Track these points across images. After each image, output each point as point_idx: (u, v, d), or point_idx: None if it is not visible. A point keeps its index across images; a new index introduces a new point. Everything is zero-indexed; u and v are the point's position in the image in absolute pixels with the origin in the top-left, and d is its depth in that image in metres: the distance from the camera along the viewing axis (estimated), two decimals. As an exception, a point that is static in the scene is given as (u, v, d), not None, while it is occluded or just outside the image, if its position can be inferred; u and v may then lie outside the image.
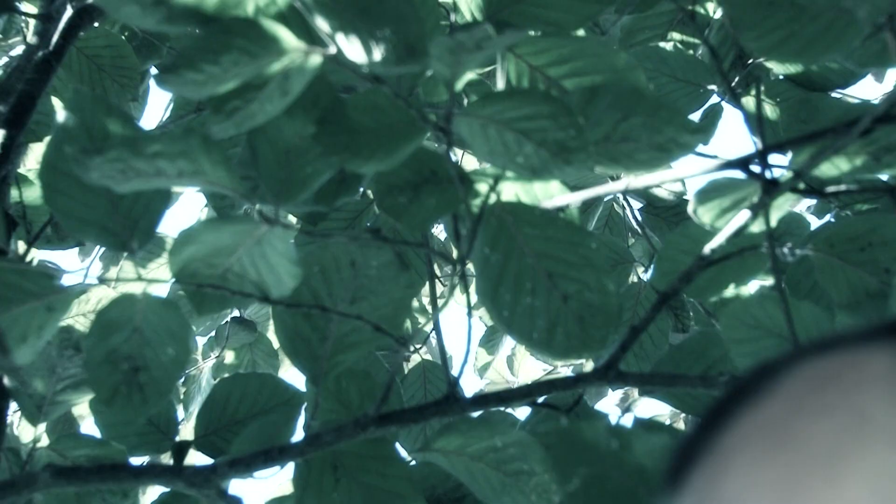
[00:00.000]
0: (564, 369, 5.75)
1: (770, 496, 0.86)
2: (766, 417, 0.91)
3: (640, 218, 4.53)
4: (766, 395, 0.92)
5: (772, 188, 2.94)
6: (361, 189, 3.09)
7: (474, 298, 2.82)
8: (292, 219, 2.79)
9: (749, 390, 0.94)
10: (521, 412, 3.34)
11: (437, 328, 3.01)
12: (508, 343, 6.03)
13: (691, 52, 3.85)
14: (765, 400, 0.92)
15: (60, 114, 2.77)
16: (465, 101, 2.56)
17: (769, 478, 0.87)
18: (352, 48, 2.51)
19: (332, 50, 2.53)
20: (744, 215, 2.96)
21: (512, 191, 2.88)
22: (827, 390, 0.89)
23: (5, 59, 4.30)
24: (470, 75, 2.70)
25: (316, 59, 2.54)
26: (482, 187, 2.79)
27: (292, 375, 3.20)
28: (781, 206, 3.27)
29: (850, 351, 0.92)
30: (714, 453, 0.91)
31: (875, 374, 0.89)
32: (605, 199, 4.32)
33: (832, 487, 0.83)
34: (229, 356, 5.08)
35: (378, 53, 2.52)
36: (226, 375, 3.96)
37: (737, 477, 0.88)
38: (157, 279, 2.87)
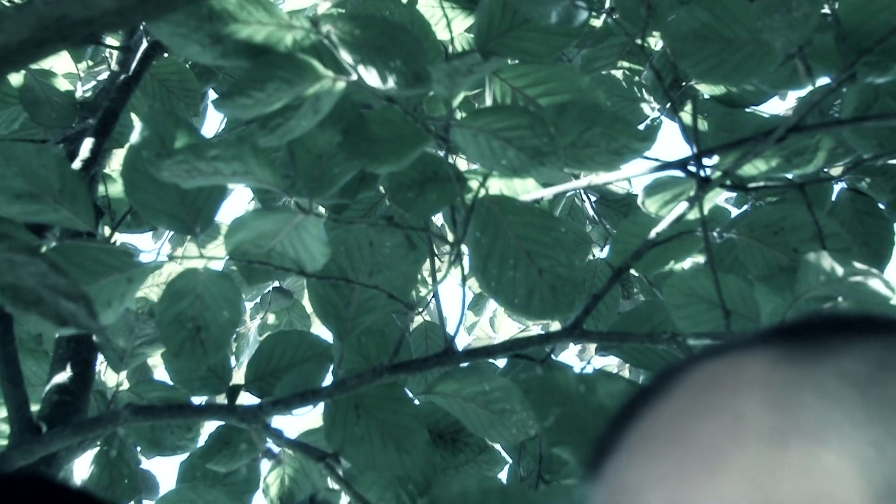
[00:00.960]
0: (536, 328, 5.73)
1: (663, 488, 0.85)
2: (662, 418, 0.90)
3: (595, 208, 4.56)
4: (664, 397, 0.92)
5: (704, 184, 2.97)
6: (377, 185, 3.11)
7: (467, 272, 2.83)
8: (322, 209, 2.80)
9: (651, 393, 0.93)
10: (503, 363, 3.34)
11: (436, 296, 3.03)
12: (491, 306, 6.04)
13: (636, 77, 3.88)
14: (662, 402, 0.91)
15: (138, 125, 2.79)
16: (459, 116, 2.57)
17: (662, 472, 0.86)
18: (370, 75, 2.54)
19: (354, 77, 2.56)
20: (682, 206, 2.99)
21: (497, 186, 2.91)
22: (711, 394, 0.89)
23: (93, 83, 4.30)
24: (462, 95, 2.72)
25: (341, 85, 2.56)
26: (474, 184, 2.82)
27: (322, 333, 3.20)
28: (711, 199, 3.29)
29: (733, 358, 0.91)
30: (620, 449, 0.91)
31: (751, 379, 0.87)
32: (568, 194, 4.33)
33: (714, 480, 0.83)
34: (271, 318, 5.09)
35: (391, 79, 2.55)
36: (269, 333, 3.98)
37: (636, 470, 0.88)
38: (214, 257, 2.86)
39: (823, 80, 3.11)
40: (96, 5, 1.88)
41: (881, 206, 3.51)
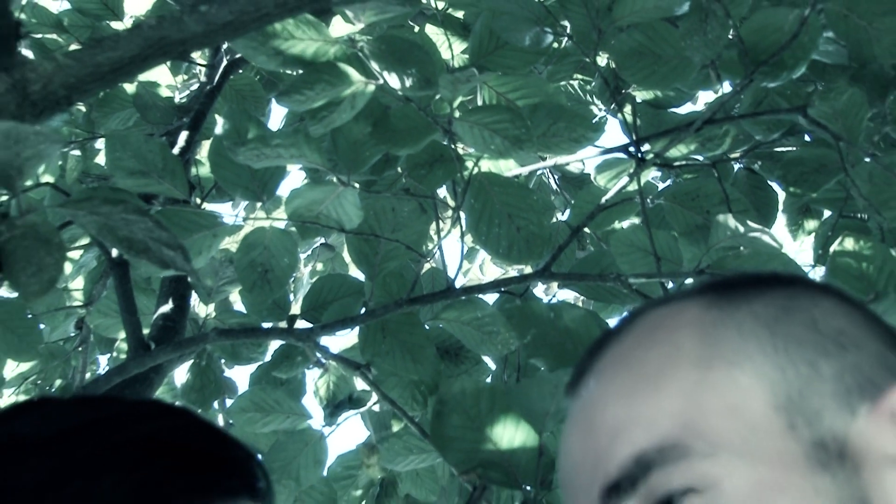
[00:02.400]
0: (514, 271, 5.73)
1: (621, 400, 0.85)
2: (622, 349, 0.90)
3: (558, 183, 4.53)
4: (624, 334, 0.92)
5: (640, 164, 2.94)
6: (398, 165, 3.09)
7: (464, 230, 2.82)
8: (357, 184, 2.78)
9: (615, 331, 0.93)
10: (491, 298, 3.32)
11: (440, 248, 3.02)
12: (481, 256, 6.01)
13: (588, 86, 3.85)
14: (622, 337, 0.92)
15: (220, 122, 2.77)
16: (458, 113, 2.55)
17: (620, 388, 0.87)
18: (392, 80, 2.52)
19: (381, 81, 2.54)
20: (623, 180, 2.97)
21: (487, 166, 2.90)
22: (658, 331, 0.90)
23: (187, 91, 4.27)
24: (461, 97, 2.70)
25: (371, 87, 2.54)
26: (470, 164, 2.80)
27: (357, 276, 3.19)
28: (645, 175, 3.27)
29: (675, 305, 0.92)
30: (591, 373, 0.91)
31: (687, 320, 0.89)
32: (538, 172, 4.32)
33: (658, 394, 0.84)
34: (319, 266, 5.08)
35: (408, 83, 2.52)
36: (317, 277, 3.96)
37: (602, 388, 0.88)
38: (278, 218, 2.85)
39: (729, 85, 3.11)
40: (188, 29, 1.85)
41: (769, 182, 3.50)
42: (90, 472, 0.81)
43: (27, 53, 1.87)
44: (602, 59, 3.55)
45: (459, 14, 3.38)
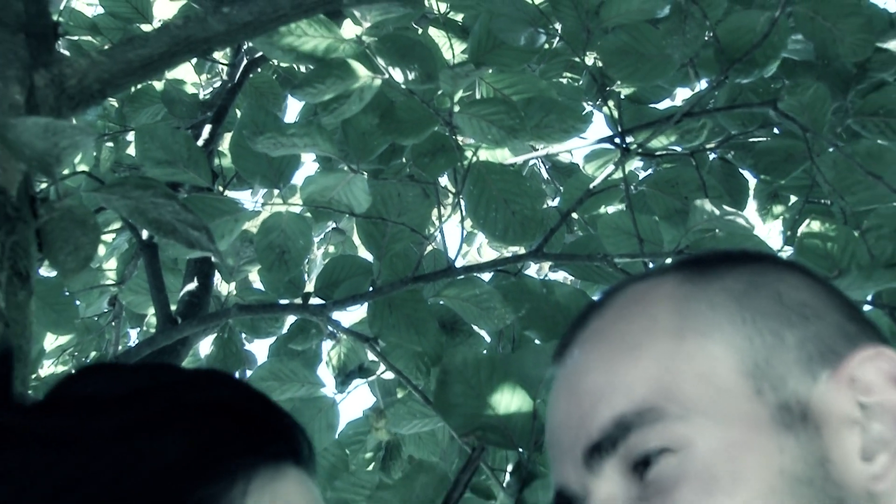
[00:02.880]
0: (509, 253, 5.72)
1: (600, 367, 0.86)
2: (603, 321, 0.90)
3: (549, 172, 4.51)
4: (605, 307, 0.92)
5: (625, 153, 2.92)
6: (403, 154, 3.08)
7: (463, 214, 2.80)
8: (365, 174, 2.77)
9: (597, 304, 0.93)
10: (488, 277, 3.30)
11: (441, 231, 3.00)
12: (479, 239, 5.99)
13: (576, 83, 3.83)
14: (604, 310, 0.91)
15: (241, 116, 2.76)
16: (457, 108, 2.54)
17: (601, 357, 0.87)
18: (397, 75, 2.51)
19: (387, 76, 2.52)
20: (609, 168, 2.95)
21: (485, 155, 2.88)
22: (636, 305, 0.89)
23: (210, 88, 4.25)
24: (461, 92, 2.68)
25: (378, 82, 2.52)
26: (469, 153, 2.78)
27: (366, 257, 3.18)
28: (629, 164, 3.25)
29: (652, 281, 0.92)
30: (575, 343, 0.91)
31: (663, 294, 0.89)
32: (531, 162, 4.30)
33: (635, 362, 0.84)
34: (331, 248, 5.05)
35: (411, 78, 2.51)
36: (330, 258, 3.95)
37: (585, 356, 0.89)
38: (293, 203, 2.84)
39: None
40: (211, 28, 1.83)
41: (741, 170, 3.49)
42: (156, 428, 0.84)
43: (64, 52, 1.85)
44: (590, 59, 3.53)
45: (459, 18, 3.39)
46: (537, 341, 2.78)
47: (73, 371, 0.91)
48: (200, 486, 0.82)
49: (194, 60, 4.18)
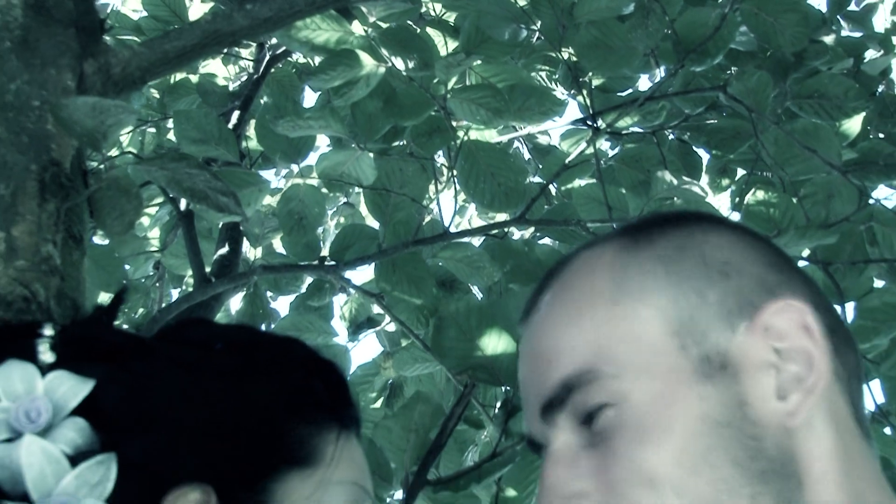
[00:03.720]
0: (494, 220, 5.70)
1: (551, 333, 0.86)
2: (554, 290, 0.90)
3: (530, 150, 4.49)
4: (558, 275, 0.91)
5: (595, 133, 2.91)
6: (404, 134, 3.06)
7: (457, 187, 2.80)
8: (371, 154, 2.77)
9: (553, 272, 0.93)
10: (478, 242, 3.29)
11: (438, 201, 2.99)
12: (470, 210, 5.96)
13: (553, 74, 3.80)
14: (556, 279, 0.91)
15: (264, 102, 2.75)
16: (451, 94, 2.53)
17: (551, 323, 0.87)
18: (399, 64, 2.49)
19: (390, 65, 2.50)
20: (582, 146, 2.94)
21: (475, 134, 2.86)
22: (580, 274, 0.89)
23: (238, 81, 4.23)
24: (454, 79, 2.67)
25: (382, 70, 2.51)
26: (461, 133, 2.77)
27: (372, 224, 3.17)
28: (599, 142, 3.23)
29: (596, 249, 0.90)
30: (535, 307, 0.91)
31: (602, 263, 0.88)
32: (514, 144, 4.28)
33: (577, 328, 0.84)
34: (342, 220, 5.02)
35: (411, 66, 2.49)
36: (341, 226, 3.94)
37: (541, 320, 0.89)
38: (310, 177, 2.84)
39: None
40: (237, 23, 1.82)
41: (696, 147, 3.48)
42: (265, 373, 0.88)
43: (110, 44, 1.83)
44: (565, 53, 3.52)
45: (451, 20, 3.37)
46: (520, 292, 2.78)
47: (178, 320, 0.97)
48: (301, 427, 0.86)
49: (223, 54, 4.17)
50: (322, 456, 0.86)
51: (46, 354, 0.82)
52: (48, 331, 0.84)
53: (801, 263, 2.90)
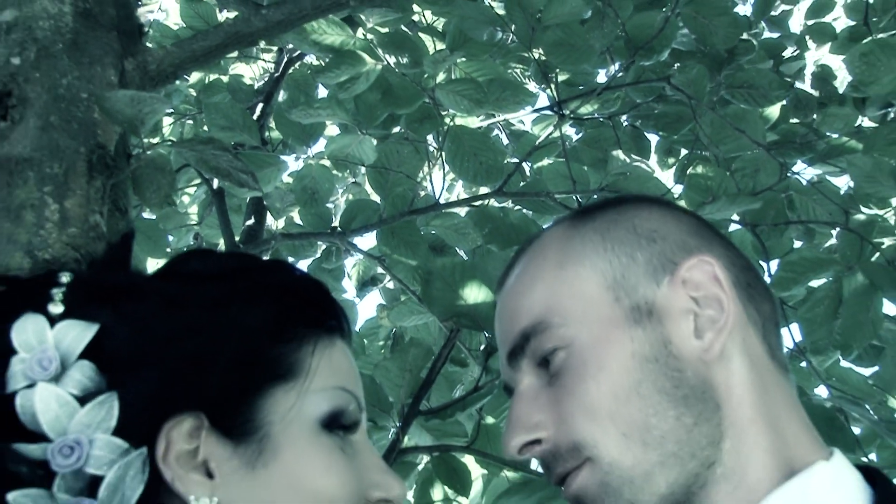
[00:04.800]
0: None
1: (516, 296, 0.89)
2: (521, 262, 0.93)
3: (507, 135, 4.45)
4: (524, 252, 0.94)
5: (562, 118, 2.89)
6: (400, 121, 3.03)
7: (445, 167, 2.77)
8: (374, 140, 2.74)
9: (522, 248, 0.95)
10: (464, 211, 3.26)
11: (430, 178, 2.96)
12: (457, 189, 5.91)
13: (526, 71, 3.76)
14: (523, 254, 0.94)
15: (283, 96, 2.71)
16: (439, 86, 2.50)
17: (517, 288, 0.90)
18: (393, 61, 2.46)
19: (386, 63, 2.47)
20: (550, 129, 2.91)
21: (460, 121, 2.83)
22: (538, 248, 0.91)
23: (260, 81, 4.18)
24: (441, 74, 2.63)
25: (379, 67, 2.47)
26: (448, 119, 2.74)
27: (374, 197, 3.16)
28: (564, 127, 3.21)
29: (553, 228, 0.93)
30: (508, 275, 0.94)
31: (555, 236, 0.90)
32: (493, 132, 4.25)
33: (533, 290, 0.87)
34: (350, 196, 4.99)
35: (404, 63, 2.46)
36: (349, 202, 3.91)
37: (510, 286, 0.92)
38: (321, 157, 2.81)
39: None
40: (254, 25, 1.79)
41: (645, 131, 3.46)
42: (246, 299, 0.85)
43: (147, 45, 1.81)
44: (535, 52, 3.48)
45: (439, 27, 3.34)
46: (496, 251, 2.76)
47: (181, 255, 0.93)
48: (280, 345, 0.84)
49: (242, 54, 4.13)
50: (301, 368, 0.84)
51: (56, 306, 0.81)
52: (65, 278, 0.84)
53: (734, 227, 2.89)
